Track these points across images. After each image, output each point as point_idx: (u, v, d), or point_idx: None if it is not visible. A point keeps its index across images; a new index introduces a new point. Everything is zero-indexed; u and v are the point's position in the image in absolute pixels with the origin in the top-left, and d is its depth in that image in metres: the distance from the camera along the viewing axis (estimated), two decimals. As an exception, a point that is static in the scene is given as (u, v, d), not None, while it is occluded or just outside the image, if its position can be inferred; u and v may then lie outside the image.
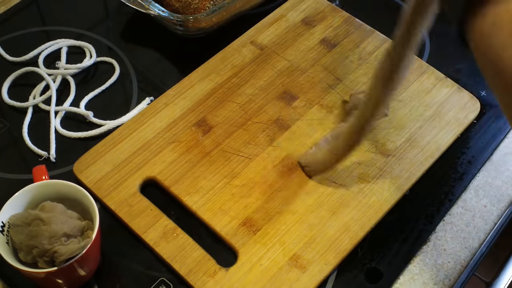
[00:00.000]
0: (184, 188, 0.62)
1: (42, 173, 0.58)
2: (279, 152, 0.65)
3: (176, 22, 0.72)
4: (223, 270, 0.57)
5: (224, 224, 0.60)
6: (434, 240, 0.63)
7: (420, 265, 0.61)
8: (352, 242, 0.59)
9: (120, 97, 0.73)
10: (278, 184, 0.63)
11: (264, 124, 0.68)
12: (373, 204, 0.62)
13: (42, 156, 0.66)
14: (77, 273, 0.54)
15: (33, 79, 0.73)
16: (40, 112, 0.71)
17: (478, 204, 0.66)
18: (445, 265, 0.61)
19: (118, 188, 0.62)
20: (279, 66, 0.73)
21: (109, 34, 0.79)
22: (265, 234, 0.59)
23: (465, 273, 0.61)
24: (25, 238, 0.51)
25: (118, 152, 0.65)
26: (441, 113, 0.69)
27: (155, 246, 0.58)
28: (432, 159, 0.66)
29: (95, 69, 0.76)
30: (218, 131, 0.67)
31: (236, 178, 0.63)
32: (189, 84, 0.71)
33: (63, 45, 0.76)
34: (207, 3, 0.74)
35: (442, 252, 0.62)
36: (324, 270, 0.57)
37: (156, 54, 0.78)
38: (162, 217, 0.60)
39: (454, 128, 0.69)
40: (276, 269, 0.57)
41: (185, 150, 0.65)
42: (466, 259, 0.62)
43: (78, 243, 0.52)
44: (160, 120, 0.68)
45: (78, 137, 0.68)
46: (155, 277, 0.58)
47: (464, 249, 0.62)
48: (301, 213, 0.61)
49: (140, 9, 0.72)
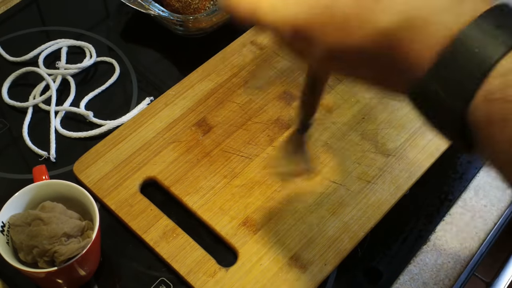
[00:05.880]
0: (184, 188, 0.62)
1: (42, 173, 0.58)
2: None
3: (176, 22, 0.72)
4: (223, 270, 0.57)
5: (224, 224, 0.60)
6: (434, 240, 0.63)
7: (420, 265, 0.61)
8: (352, 242, 0.59)
9: (120, 97, 0.73)
10: (278, 184, 0.63)
11: (264, 124, 0.68)
12: (373, 204, 0.62)
13: (42, 156, 0.66)
14: (77, 273, 0.54)
15: (33, 79, 0.73)
16: (40, 112, 0.71)
17: (478, 204, 0.66)
18: (445, 265, 0.61)
19: (118, 188, 0.62)
20: (279, 66, 0.73)
21: (109, 34, 0.79)
22: (265, 234, 0.59)
23: (465, 273, 0.61)
24: (25, 238, 0.51)
25: (118, 152, 0.65)
26: (441, 113, 0.69)
27: (155, 246, 0.58)
28: (432, 159, 0.66)
29: (95, 69, 0.76)
30: (218, 131, 0.67)
31: (236, 178, 0.63)
32: (189, 84, 0.71)
33: (63, 45, 0.76)
34: (207, 3, 0.74)
35: (442, 252, 0.62)
36: (324, 270, 0.57)
37: (156, 54, 0.78)
38: (162, 217, 0.60)
39: (454, 128, 0.68)
40: (276, 269, 0.57)
41: (185, 150, 0.65)
42: (466, 259, 0.62)
43: (78, 243, 0.52)
44: (160, 120, 0.68)
45: (78, 137, 0.68)
46: (155, 277, 0.58)
47: (464, 249, 0.62)
48: (301, 213, 0.61)
49: (140, 9, 0.72)
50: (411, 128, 0.68)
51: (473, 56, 0.32)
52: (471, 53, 0.32)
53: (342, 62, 0.38)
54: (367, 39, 0.35)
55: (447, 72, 0.33)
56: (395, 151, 0.66)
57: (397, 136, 0.67)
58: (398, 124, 0.68)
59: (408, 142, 0.67)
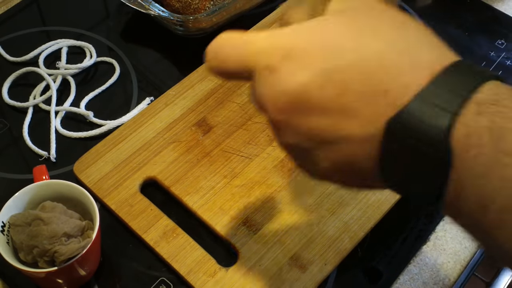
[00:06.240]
0: (184, 188, 0.62)
1: (42, 173, 0.58)
2: (279, 152, 0.65)
3: (176, 22, 0.72)
4: (223, 270, 0.57)
5: (224, 224, 0.60)
6: (434, 240, 0.63)
7: (420, 265, 0.61)
8: (352, 242, 0.59)
9: (120, 97, 0.73)
10: (278, 184, 0.63)
11: (264, 124, 0.68)
12: (373, 204, 0.62)
13: (42, 156, 0.66)
14: (77, 273, 0.54)
15: (33, 79, 0.73)
16: (41, 112, 0.71)
17: (478, 204, 0.66)
18: (445, 265, 0.61)
19: (118, 188, 0.62)
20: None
21: (109, 34, 0.79)
22: (265, 234, 0.59)
23: (465, 273, 0.61)
24: (26, 238, 0.51)
25: (118, 152, 0.65)
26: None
27: (155, 246, 0.58)
28: (432, 159, 0.66)
29: (95, 69, 0.76)
30: (218, 131, 0.67)
31: (236, 178, 0.63)
32: (189, 84, 0.71)
33: (63, 45, 0.76)
34: (207, 3, 0.74)
35: (442, 252, 0.62)
36: (324, 270, 0.57)
37: (156, 54, 0.78)
38: (162, 217, 0.60)
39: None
40: (276, 269, 0.57)
41: (185, 150, 0.65)
42: (466, 259, 0.62)
43: (79, 243, 0.52)
44: (160, 120, 0.68)
45: (78, 137, 0.68)
46: (155, 277, 0.58)
47: (464, 249, 0.62)
48: (301, 213, 0.61)
49: (140, 9, 0.72)
50: (411, 128, 0.68)
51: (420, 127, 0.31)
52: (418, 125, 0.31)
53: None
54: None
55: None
56: (395, 151, 0.66)
57: (397, 136, 0.67)
58: (398, 124, 0.68)
59: (408, 142, 0.67)
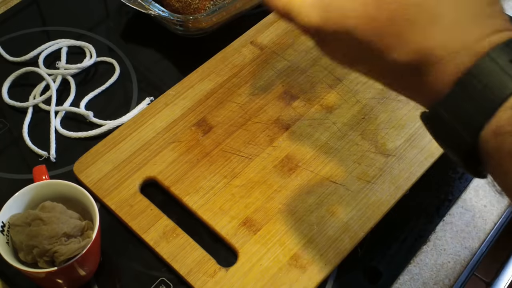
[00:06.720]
0: (184, 188, 0.62)
1: (42, 173, 0.58)
2: (279, 152, 0.65)
3: (176, 22, 0.72)
4: (223, 270, 0.57)
5: (224, 224, 0.60)
6: (434, 240, 0.63)
7: (420, 265, 0.61)
8: (352, 242, 0.59)
9: (120, 97, 0.73)
10: (278, 184, 0.63)
11: (264, 124, 0.68)
12: (373, 204, 0.62)
13: (42, 156, 0.66)
14: (77, 273, 0.54)
15: (33, 79, 0.73)
16: (40, 112, 0.71)
17: (478, 204, 0.66)
18: (445, 265, 0.61)
19: (118, 188, 0.62)
20: (279, 66, 0.73)
21: (109, 34, 0.79)
22: (265, 234, 0.59)
23: (465, 273, 0.61)
24: (25, 238, 0.51)
25: (118, 152, 0.65)
26: (441, 113, 0.69)
27: (155, 246, 0.58)
28: (432, 159, 0.66)
29: (95, 69, 0.76)
30: (218, 131, 0.67)
31: (236, 178, 0.63)
32: (189, 84, 0.71)
33: (63, 45, 0.76)
34: (207, 3, 0.74)
35: (442, 252, 0.62)
36: (324, 270, 0.57)
37: (156, 54, 0.78)
38: (162, 217, 0.60)
39: (454, 128, 0.69)
40: (276, 269, 0.57)
41: (185, 150, 0.65)
42: (466, 259, 0.62)
43: (78, 243, 0.52)
44: (160, 120, 0.68)
45: (78, 137, 0.68)
46: (155, 277, 0.58)
47: (464, 249, 0.62)
48: (301, 213, 0.61)
49: (140, 9, 0.72)
50: (411, 128, 0.68)
51: (484, 90, 0.32)
52: (482, 87, 0.32)
53: (374, 67, 0.40)
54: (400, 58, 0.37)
55: (457, 104, 0.33)
56: (395, 151, 0.66)
57: (397, 136, 0.67)
58: (398, 124, 0.68)
59: (408, 142, 0.67)
